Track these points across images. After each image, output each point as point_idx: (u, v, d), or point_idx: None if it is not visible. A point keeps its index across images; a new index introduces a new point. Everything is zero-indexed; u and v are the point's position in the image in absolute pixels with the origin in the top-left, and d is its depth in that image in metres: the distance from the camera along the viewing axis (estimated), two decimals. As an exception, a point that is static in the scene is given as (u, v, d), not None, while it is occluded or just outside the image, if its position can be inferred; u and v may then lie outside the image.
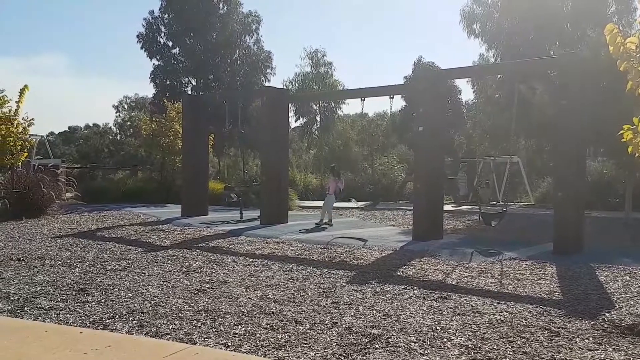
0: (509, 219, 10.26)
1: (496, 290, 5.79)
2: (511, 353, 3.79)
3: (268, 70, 30.07)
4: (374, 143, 30.36)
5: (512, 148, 15.57)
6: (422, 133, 9.65)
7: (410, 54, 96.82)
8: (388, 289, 5.71)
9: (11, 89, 13.08)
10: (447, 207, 14.04)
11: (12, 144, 12.71)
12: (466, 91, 73.53)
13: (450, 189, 18.69)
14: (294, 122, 33.86)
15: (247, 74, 29.13)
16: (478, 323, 4.50)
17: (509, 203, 12.26)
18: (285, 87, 27.13)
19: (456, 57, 71.02)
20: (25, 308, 4.78)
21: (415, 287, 5.79)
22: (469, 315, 4.72)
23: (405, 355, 3.71)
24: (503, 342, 4.02)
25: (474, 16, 17.60)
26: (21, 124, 13.05)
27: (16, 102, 12.99)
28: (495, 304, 5.13)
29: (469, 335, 4.18)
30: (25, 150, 13.42)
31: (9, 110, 12.87)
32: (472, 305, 5.06)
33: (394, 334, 4.16)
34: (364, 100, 11.82)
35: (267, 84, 28.91)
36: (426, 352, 3.79)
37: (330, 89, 29.33)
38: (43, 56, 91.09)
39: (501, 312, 4.84)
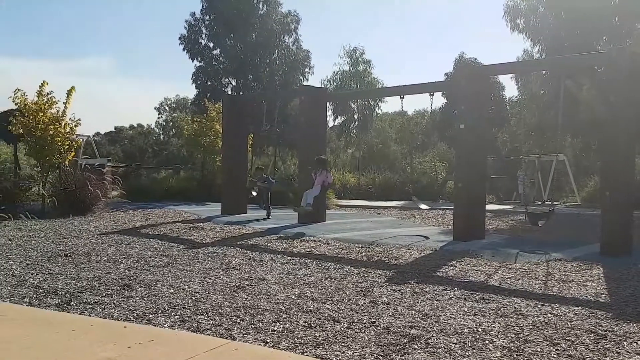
0: (554, 219, 9.96)
1: (540, 291, 5.63)
2: (555, 356, 3.67)
3: (306, 70, 30.25)
4: (414, 141, 30.06)
5: (558, 146, 15.13)
6: (463, 131, 9.47)
7: (451, 50, 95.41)
8: (427, 289, 5.63)
9: (59, 90, 13.55)
10: (490, 207, 13.77)
11: (60, 143, 13.17)
12: (510, 88, 72.03)
13: (492, 188, 18.30)
14: (331, 121, 33.94)
15: (285, 74, 29.37)
16: (521, 325, 4.38)
17: (554, 203, 11.89)
18: (323, 86, 27.17)
19: (499, 53, 69.63)
20: (72, 302, 4.94)
21: (455, 288, 5.69)
22: (511, 317, 4.61)
23: (445, 357, 3.65)
24: (547, 344, 3.90)
25: (517, 11, 17.19)
26: (68, 124, 13.49)
27: (64, 103, 13.45)
28: (539, 306, 4.98)
29: (512, 337, 4.07)
30: (73, 149, 13.87)
31: (57, 111, 13.34)
32: (515, 307, 4.94)
33: (434, 335, 4.10)
34: (403, 97, 11.67)
35: (305, 83, 29.07)
36: (467, 353, 3.72)
37: (368, 87, 29.23)
38: (89, 58, 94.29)
39: (545, 314, 4.70)
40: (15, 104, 13.12)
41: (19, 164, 15.17)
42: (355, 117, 31.95)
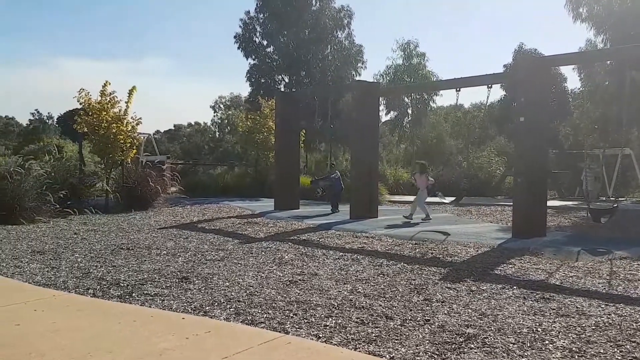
0: (619, 215, 9.47)
1: (604, 291, 5.36)
2: (619, 358, 3.49)
3: (359, 64, 30.06)
4: (470, 135, 29.30)
5: (623, 139, 14.34)
6: (523, 124, 9.15)
7: (510, 42, 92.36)
8: (484, 287, 5.48)
9: (121, 90, 14.09)
10: (551, 203, 13.24)
11: (122, 141, 13.69)
12: (572, 79, 68.90)
13: (554, 183, 17.56)
14: (384, 116, 33.58)
15: (338, 69, 29.30)
16: (583, 325, 4.19)
17: (619, 199, 11.29)
18: (375, 81, 26.93)
19: (561, 44, 66.84)
20: (134, 294, 5.13)
21: (514, 287, 5.50)
22: (573, 317, 4.41)
23: (502, 357, 3.54)
24: (610, 346, 3.71)
25: (580, -1, 16.43)
26: (130, 122, 14.00)
27: (125, 102, 13.98)
28: (602, 306, 4.75)
29: (573, 337, 3.90)
30: (134, 147, 14.40)
31: (119, 110, 13.87)
32: (576, 307, 4.72)
33: (491, 334, 3.98)
34: (459, 91, 11.39)
35: (357, 78, 28.89)
36: (525, 354, 3.59)
37: (422, 80, 28.69)
38: (149, 59, 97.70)
39: (609, 315, 4.47)
40: (80, 104, 13.74)
41: (84, 161, 15.88)
42: (409, 111, 31.47)
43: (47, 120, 69.56)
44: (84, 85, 19.09)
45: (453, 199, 12.35)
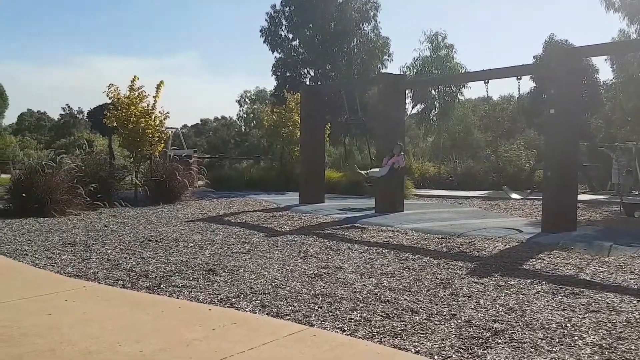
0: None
1: (636, 286, 5.22)
2: (654, 357, 3.39)
3: (385, 57, 29.87)
4: (499, 128, 28.81)
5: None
6: (553, 116, 8.95)
7: (540, 32, 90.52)
8: (513, 282, 5.40)
9: (149, 85, 14.28)
10: (582, 197, 12.96)
11: (150, 135, 13.89)
12: (604, 70, 67.15)
13: (585, 176, 17.17)
14: (411, 109, 33.25)
15: (364, 62, 29.16)
16: (614, 321, 4.09)
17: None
18: (402, 73, 26.68)
19: (592, 34, 65.11)
20: (162, 285, 5.21)
21: (543, 282, 5.41)
22: (603, 313, 4.31)
23: (530, 352, 3.48)
24: (644, 344, 3.61)
25: (613, -13, 15.96)
26: (158, 117, 14.19)
27: (153, 97, 14.17)
28: (634, 302, 4.63)
29: (603, 333, 3.81)
30: (162, 141, 14.61)
31: (148, 105, 14.07)
32: (607, 303, 4.61)
33: (519, 329, 3.92)
34: (487, 82, 11.19)
35: (384, 70, 28.71)
36: (554, 349, 3.53)
37: (450, 72, 28.30)
38: (177, 55, 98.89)
39: (643, 312, 4.35)
40: (109, 98, 13.98)
41: (114, 155, 16.18)
42: (436, 104, 31.08)
43: (78, 115, 71.08)
44: (114, 81, 19.43)
45: (520, 194, 12.12)
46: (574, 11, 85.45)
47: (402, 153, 11.30)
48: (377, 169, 11.15)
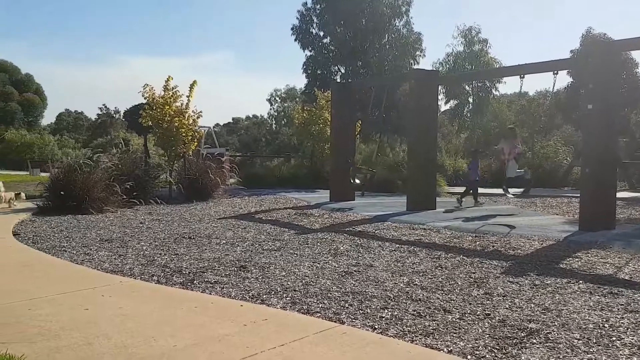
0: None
1: (681, 288, 5.03)
2: (700, 361, 3.26)
3: (417, 53, 29.59)
4: (535, 124, 28.15)
5: None
6: (591, 112, 8.69)
7: (577, 26, 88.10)
8: (549, 281, 5.27)
9: (183, 84, 14.53)
10: (621, 194, 12.55)
11: (184, 134, 14.13)
12: (644, 64, 64.76)
13: (624, 173, 16.64)
14: (443, 105, 32.84)
15: (395, 58, 28.95)
16: (656, 324, 3.95)
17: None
18: (434, 69, 26.36)
19: (632, 27, 62.95)
20: (195, 281, 5.29)
21: (580, 281, 5.26)
22: (645, 315, 4.17)
23: (566, 353, 3.39)
24: (688, 347, 3.48)
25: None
26: (191, 116, 14.42)
27: (187, 96, 14.39)
28: (679, 304, 4.46)
29: (645, 336, 3.69)
30: (195, 140, 14.83)
31: (181, 104, 14.30)
32: (649, 304, 4.46)
33: (555, 329, 3.82)
34: (523, 77, 10.95)
35: (416, 66, 28.44)
36: (591, 350, 3.43)
37: (484, 67, 27.80)
38: (209, 54, 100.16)
39: (687, 314, 4.19)
40: (145, 98, 14.27)
41: (149, 153, 16.54)
42: (470, 100, 30.58)
43: (114, 115, 72.83)
44: (148, 80, 19.78)
45: (519, 191, 11.91)
46: (613, 4, 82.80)
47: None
48: (509, 193, 11.27)
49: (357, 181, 13.63)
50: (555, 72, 10.29)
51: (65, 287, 4.87)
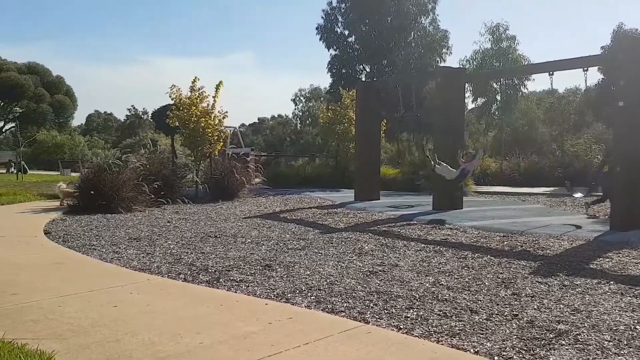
0: None
1: None
2: None
3: (444, 50, 29.27)
4: (565, 122, 27.59)
5: None
6: (622, 109, 8.48)
7: (609, 22, 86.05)
8: (578, 282, 5.16)
9: (208, 85, 14.71)
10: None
11: (210, 134, 14.29)
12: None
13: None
14: (470, 103, 32.36)
15: (421, 56, 28.70)
16: (692, 327, 3.82)
17: None
18: (461, 66, 26.04)
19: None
20: (220, 280, 5.34)
21: (611, 282, 5.13)
22: (680, 318, 4.04)
23: (596, 354, 3.31)
24: None
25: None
26: (217, 116, 14.57)
27: (213, 97, 14.55)
28: None
29: (680, 340, 3.57)
30: (221, 140, 14.98)
31: (207, 105, 14.46)
32: (684, 306, 4.32)
33: (584, 330, 3.74)
34: (552, 74, 10.73)
35: (442, 64, 28.16)
36: (622, 352, 3.34)
37: (513, 64, 27.31)
38: (234, 54, 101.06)
39: None
40: (172, 99, 14.49)
41: (176, 153, 16.75)
42: (498, 97, 30.09)
43: (142, 116, 74.11)
44: (175, 81, 20.04)
45: (583, 191, 11.63)
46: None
47: (479, 159, 11.20)
48: (447, 170, 10.80)
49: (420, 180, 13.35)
50: (586, 68, 10.06)
51: (94, 284, 4.97)
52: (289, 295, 4.75)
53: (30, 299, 4.40)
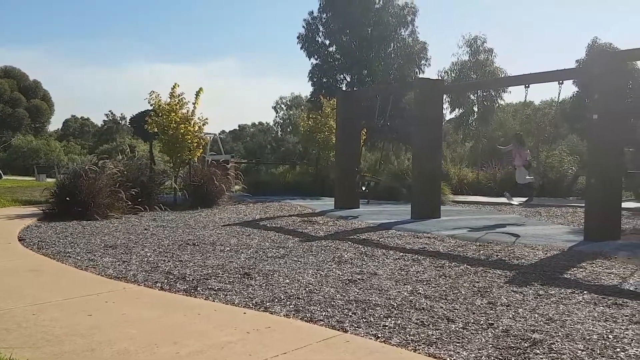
0: None
1: (687, 300, 4.99)
2: None
3: (422, 62, 29.62)
4: (540, 134, 28.08)
5: None
6: (596, 122, 8.70)
7: (583, 36, 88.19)
8: (553, 292, 5.25)
9: (189, 92, 14.64)
10: (626, 204, 12.49)
11: (189, 141, 14.19)
12: (651, 73, 64.76)
13: (630, 184, 16.60)
14: (448, 114, 32.86)
15: (400, 67, 29.00)
16: (661, 336, 3.92)
17: None
18: (439, 78, 26.40)
19: (638, 37, 62.86)
20: (198, 288, 5.29)
21: (585, 292, 5.24)
22: (650, 326, 4.14)
23: (570, 365, 3.38)
24: (694, 360, 3.45)
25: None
26: (197, 123, 14.49)
27: (193, 103, 14.48)
28: (684, 316, 4.43)
29: (650, 348, 3.66)
30: (201, 146, 14.89)
31: (187, 111, 14.38)
32: (654, 315, 4.43)
33: (558, 340, 3.81)
34: (528, 87, 10.98)
35: (421, 75, 28.47)
36: (596, 362, 3.41)
37: (490, 77, 27.83)
38: (216, 61, 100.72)
39: (693, 326, 4.16)
40: (151, 105, 14.37)
41: (154, 160, 16.59)
42: (475, 108, 30.59)
43: (120, 121, 73.26)
44: (155, 88, 19.91)
45: (523, 200, 11.93)
46: (619, 14, 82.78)
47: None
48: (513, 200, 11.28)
49: (363, 188, 13.72)
50: (561, 82, 10.31)
51: (69, 292, 4.89)
52: (267, 304, 4.73)
53: (3, 307, 4.31)
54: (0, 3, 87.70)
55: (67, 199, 10.83)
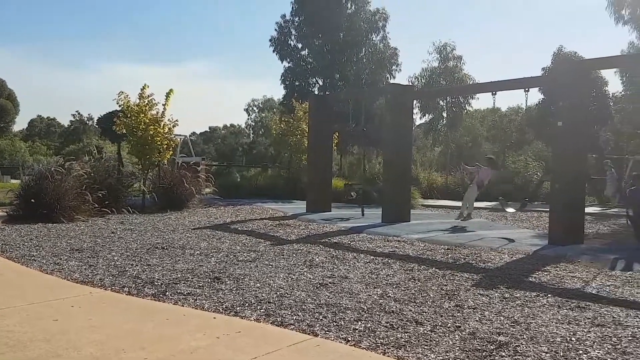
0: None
1: (645, 302, 5.18)
2: (661, 374, 3.37)
3: (393, 67, 29.93)
4: (507, 139, 28.78)
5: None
6: (561, 128, 8.95)
7: (549, 44, 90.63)
8: (518, 295, 5.38)
9: (159, 93, 14.44)
10: (590, 209, 12.88)
11: (159, 143, 13.99)
12: (614, 83, 67.01)
13: (593, 189, 17.13)
14: (418, 119, 33.30)
15: (372, 72, 29.24)
16: (619, 336, 4.06)
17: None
18: (410, 84, 26.74)
19: (602, 46, 65.03)
20: (167, 293, 5.23)
21: (549, 295, 5.38)
22: (609, 327, 4.29)
23: (534, 366, 3.47)
24: (651, 360, 3.59)
25: (622, 1, 15.98)
26: (167, 124, 14.30)
27: (163, 104, 14.29)
28: (642, 317, 4.60)
29: (608, 348, 3.79)
30: (171, 148, 14.70)
31: (157, 112, 14.18)
32: (613, 317, 4.59)
33: (523, 342, 3.91)
34: (495, 94, 11.23)
35: (392, 80, 28.79)
36: (559, 364, 3.51)
37: (459, 83, 28.33)
38: (187, 62, 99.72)
39: (650, 327, 4.32)
40: (119, 106, 14.12)
41: (122, 161, 16.33)
42: (444, 114, 31.10)
43: (88, 122, 71.75)
44: (124, 87, 19.60)
45: (515, 206, 12.22)
46: (584, 23, 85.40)
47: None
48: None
49: (353, 195, 13.92)
50: (527, 89, 10.57)
51: (34, 297, 4.78)
52: (238, 308, 4.72)
53: (-38, 313, 4.18)
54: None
55: (32, 201, 10.56)
